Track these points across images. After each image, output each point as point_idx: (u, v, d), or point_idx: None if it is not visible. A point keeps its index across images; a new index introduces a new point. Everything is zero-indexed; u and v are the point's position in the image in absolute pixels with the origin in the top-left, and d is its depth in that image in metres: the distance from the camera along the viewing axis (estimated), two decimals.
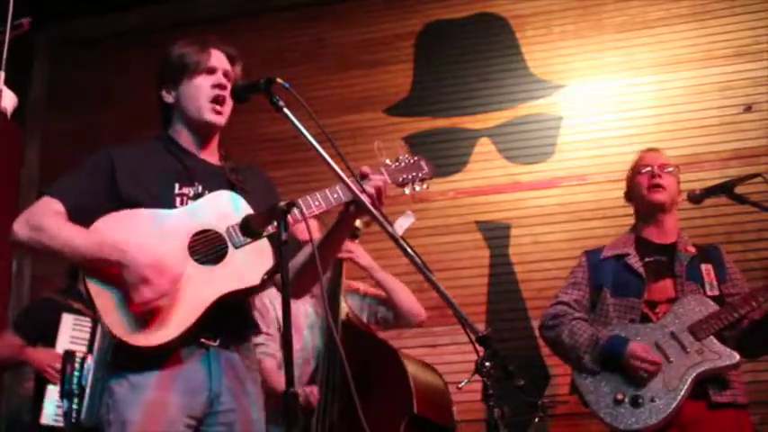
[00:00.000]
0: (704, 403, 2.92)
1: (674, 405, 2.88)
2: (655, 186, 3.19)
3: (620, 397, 2.96)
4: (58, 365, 3.62)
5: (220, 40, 2.37)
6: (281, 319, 3.36)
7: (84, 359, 3.47)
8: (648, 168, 3.23)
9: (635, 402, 2.93)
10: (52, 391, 3.63)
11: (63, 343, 3.69)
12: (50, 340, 3.71)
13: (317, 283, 2.69)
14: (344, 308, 3.26)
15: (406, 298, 3.39)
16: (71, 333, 3.72)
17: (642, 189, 3.22)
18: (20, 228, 2.12)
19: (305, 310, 3.37)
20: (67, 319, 3.74)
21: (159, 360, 2.09)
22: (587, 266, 3.28)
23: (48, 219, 2.10)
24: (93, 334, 3.66)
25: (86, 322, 3.73)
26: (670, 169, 3.24)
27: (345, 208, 2.23)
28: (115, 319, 2.06)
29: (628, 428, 2.91)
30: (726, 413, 2.93)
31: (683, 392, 2.89)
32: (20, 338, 3.78)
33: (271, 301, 3.33)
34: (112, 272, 2.06)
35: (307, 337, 3.32)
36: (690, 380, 2.90)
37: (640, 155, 3.35)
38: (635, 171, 3.29)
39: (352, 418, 3.01)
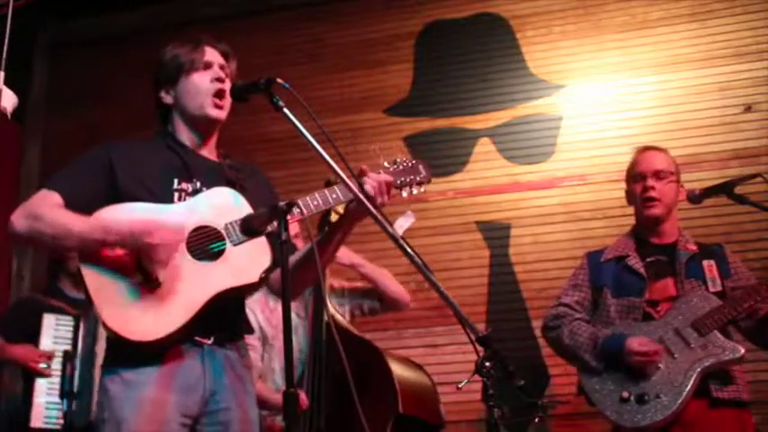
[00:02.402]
0: (706, 401, 2.92)
1: (679, 401, 2.87)
2: (648, 200, 3.14)
3: (625, 395, 2.95)
4: (42, 359, 3.62)
5: (213, 38, 2.37)
6: (264, 327, 3.29)
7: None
8: (641, 176, 3.17)
9: (641, 400, 2.92)
10: (40, 390, 3.61)
11: (46, 342, 3.67)
12: (33, 340, 3.67)
13: (312, 284, 2.69)
14: (330, 310, 3.23)
15: (392, 284, 3.41)
16: (54, 333, 3.69)
17: (637, 200, 3.19)
18: (18, 219, 2.10)
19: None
20: (49, 319, 3.71)
21: (154, 358, 2.08)
22: (589, 268, 3.27)
23: (46, 208, 2.09)
24: (75, 332, 3.63)
25: (68, 321, 3.70)
26: (664, 173, 3.15)
27: (346, 208, 2.23)
28: (111, 312, 2.04)
29: (634, 426, 2.90)
30: (728, 412, 2.92)
31: (688, 388, 2.88)
32: (1, 339, 3.74)
33: (251, 308, 3.24)
34: (110, 254, 2.05)
35: None
36: (695, 375, 2.89)
37: (635, 157, 3.27)
38: (629, 175, 3.25)
39: (339, 423, 3.00)
